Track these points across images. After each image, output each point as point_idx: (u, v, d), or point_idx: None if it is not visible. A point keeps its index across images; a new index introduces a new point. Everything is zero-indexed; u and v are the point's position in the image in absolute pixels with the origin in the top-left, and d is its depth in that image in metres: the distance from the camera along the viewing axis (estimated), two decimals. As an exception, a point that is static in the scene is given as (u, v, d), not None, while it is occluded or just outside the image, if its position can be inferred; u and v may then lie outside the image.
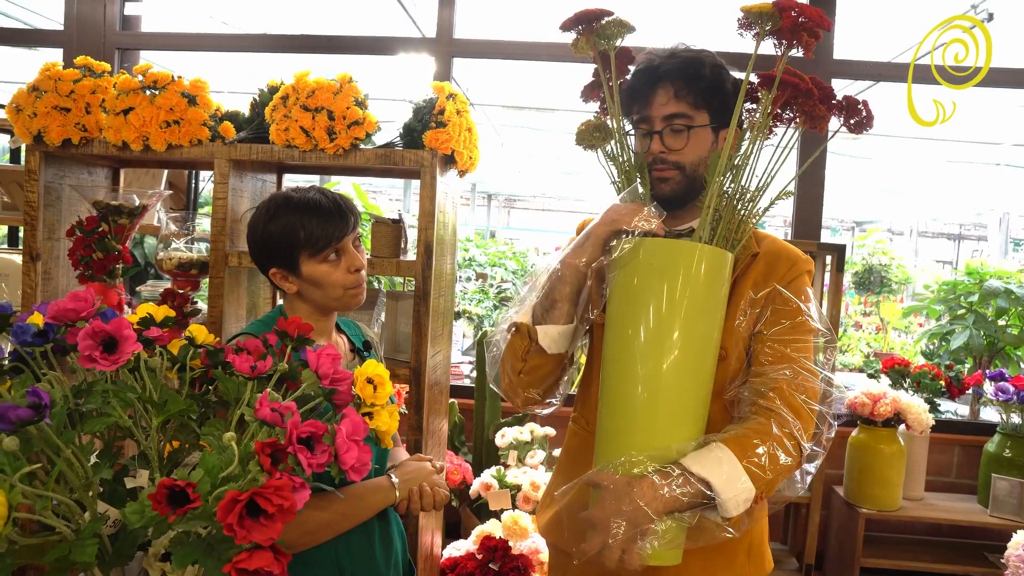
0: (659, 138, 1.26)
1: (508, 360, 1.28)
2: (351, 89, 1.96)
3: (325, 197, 1.39)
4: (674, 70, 1.25)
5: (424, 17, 3.83)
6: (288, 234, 1.37)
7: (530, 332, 1.24)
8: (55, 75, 2.06)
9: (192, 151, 2.04)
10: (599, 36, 1.24)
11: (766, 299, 1.27)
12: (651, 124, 1.27)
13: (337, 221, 1.38)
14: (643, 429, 1.17)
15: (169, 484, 0.73)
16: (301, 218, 1.36)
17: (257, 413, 0.83)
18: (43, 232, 2.15)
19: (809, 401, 1.22)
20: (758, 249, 1.32)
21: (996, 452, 2.93)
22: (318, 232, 1.36)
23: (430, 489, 1.39)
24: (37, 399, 0.75)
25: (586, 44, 1.27)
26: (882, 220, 12.46)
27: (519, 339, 1.25)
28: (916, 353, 4.78)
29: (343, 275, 1.40)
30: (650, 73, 1.27)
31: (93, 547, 0.75)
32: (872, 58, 3.25)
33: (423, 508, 1.38)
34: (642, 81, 1.28)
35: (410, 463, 1.46)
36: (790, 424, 1.18)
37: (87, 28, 3.32)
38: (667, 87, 1.26)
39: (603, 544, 1.10)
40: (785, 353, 1.24)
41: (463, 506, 2.98)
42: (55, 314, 0.91)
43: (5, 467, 0.71)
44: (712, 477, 1.11)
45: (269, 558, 0.72)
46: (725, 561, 1.33)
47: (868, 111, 1.18)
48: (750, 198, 1.22)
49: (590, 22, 1.24)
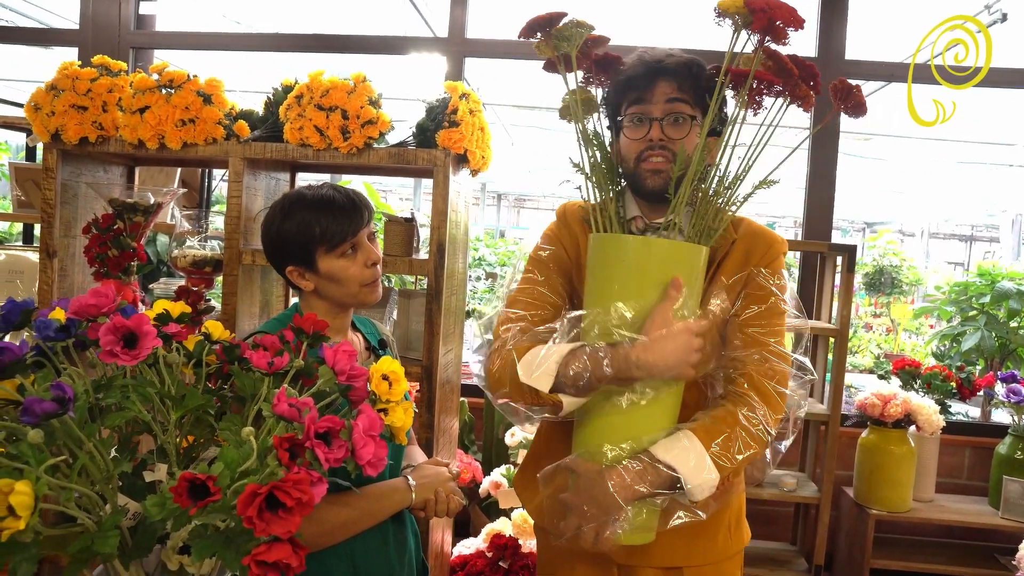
0: (659, 125, 1.28)
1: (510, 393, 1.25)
2: (365, 88, 1.97)
3: (339, 193, 1.41)
4: (676, 67, 1.28)
5: (436, 17, 3.84)
6: (304, 231, 1.37)
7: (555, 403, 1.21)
8: (73, 74, 2.08)
9: (207, 149, 2.06)
10: (558, 39, 1.26)
11: (742, 283, 1.31)
12: (650, 112, 1.29)
13: (352, 216, 1.39)
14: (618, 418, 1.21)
15: (190, 477, 0.74)
16: (316, 214, 1.37)
17: (275, 408, 0.84)
18: (60, 229, 2.18)
19: (777, 386, 1.27)
20: (736, 235, 1.35)
21: (1008, 454, 2.92)
22: (334, 227, 1.37)
23: (446, 496, 1.40)
24: (61, 393, 0.76)
25: (546, 47, 1.28)
26: (893, 221, 12.41)
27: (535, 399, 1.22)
28: (927, 354, 4.76)
29: (360, 270, 1.41)
30: (651, 66, 1.29)
31: (115, 538, 0.76)
32: (885, 58, 3.24)
33: (437, 514, 1.39)
34: (642, 72, 1.29)
35: (428, 467, 1.47)
36: (757, 410, 1.24)
37: (102, 27, 3.35)
38: (669, 81, 1.28)
39: (578, 526, 1.18)
40: (756, 337, 1.29)
41: (473, 505, 2.99)
42: (77, 310, 0.92)
43: (30, 459, 0.72)
44: (679, 465, 1.17)
45: (288, 551, 0.73)
46: (707, 539, 1.39)
47: (860, 96, 1.20)
48: (728, 186, 1.23)
49: (547, 27, 1.25)
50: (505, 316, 1.36)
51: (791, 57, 1.18)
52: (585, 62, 1.32)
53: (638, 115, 1.30)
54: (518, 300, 1.37)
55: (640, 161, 1.29)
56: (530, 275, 1.40)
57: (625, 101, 1.32)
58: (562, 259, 1.41)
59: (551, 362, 1.19)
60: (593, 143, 1.31)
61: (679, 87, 1.28)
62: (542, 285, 1.38)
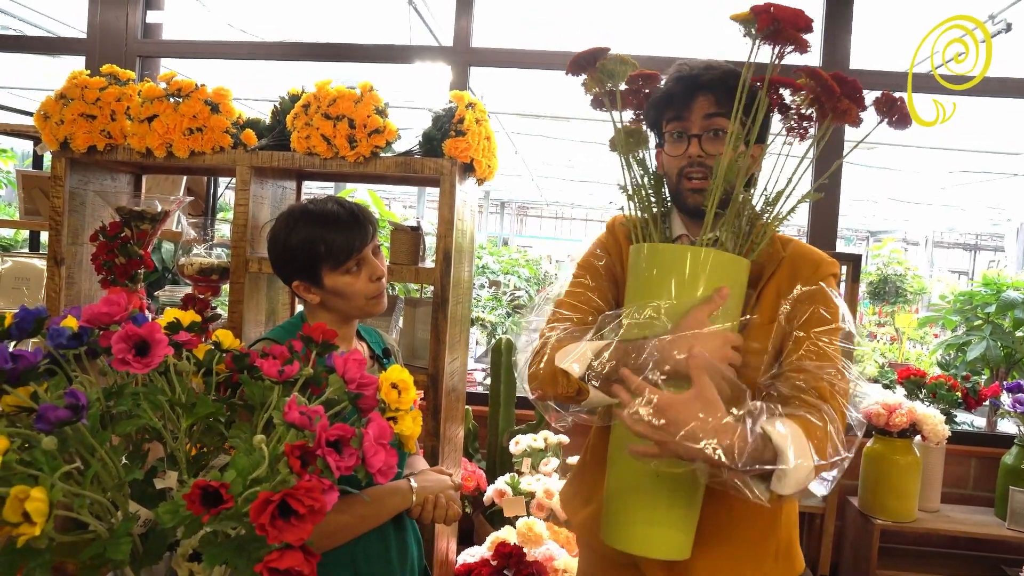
0: (698, 142, 1.27)
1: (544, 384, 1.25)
2: (372, 98, 1.98)
3: (343, 208, 1.41)
4: (715, 81, 1.26)
5: (441, 26, 3.86)
6: (309, 248, 1.38)
7: (581, 390, 1.20)
8: (82, 83, 2.10)
9: (214, 158, 2.07)
10: (602, 73, 1.26)
11: (809, 297, 1.27)
12: (688, 127, 1.28)
13: (356, 232, 1.40)
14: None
15: (203, 485, 0.74)
16: (321, 231, 1.38)
17: (286, 416, 0.85)
18: (67, 237, 2.19)
19: (842, 401, 1.22)
20: (784, 254, 1.34)
21: (1014, 464, 2.91)
22: (338, 244, 1.38)
23: (445, 502, 1.40)
24: (75, 400, 0.77)
25: (592, 83, 1.29)
26: (897, 230, 12.40)
27: (566, 384, 1.21)
28: (932, 364, 4.76)
29: (365, 284, 1.41)
30: (690, 81, 1.27)
31: (127, 545, 0.76)
32: (888, 68, 3.25)
33: (435, 519, 1.39)
34: (680, 87, 1.28)
35: (431, 473, 1.48)
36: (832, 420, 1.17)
37: (109, 36, 3.37)
38: (707, 95, 1.26)
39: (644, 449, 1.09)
40: (827, 352, 1.23)
41: (477, 513, 2.98)
42: (89, 318, 0.93)
43: (44, 466, 0.73)
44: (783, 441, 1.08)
45: (300, 558, 0.73)
46: (754, 563, 1.33)
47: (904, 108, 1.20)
48: (769, 202, 1.23)
49: (592, 62, 1.26)
50: (553, 316, 1.37)
51: (834, 75, 1.17)
52: (636, 98, 1.33)
53: (677, 131, 1.29)
54: (566, 302, 1.38)
55: (682, 178, 1.29)
56: (580, 279, 1.41)
57: (665, 117, 1.32)
58: (610, 268, 1.42)
59: (587, 352, 1.19)
60: (637, 169, 1.31)
61: (717, 101, 1.26)
62: (591, 290, 1.38)
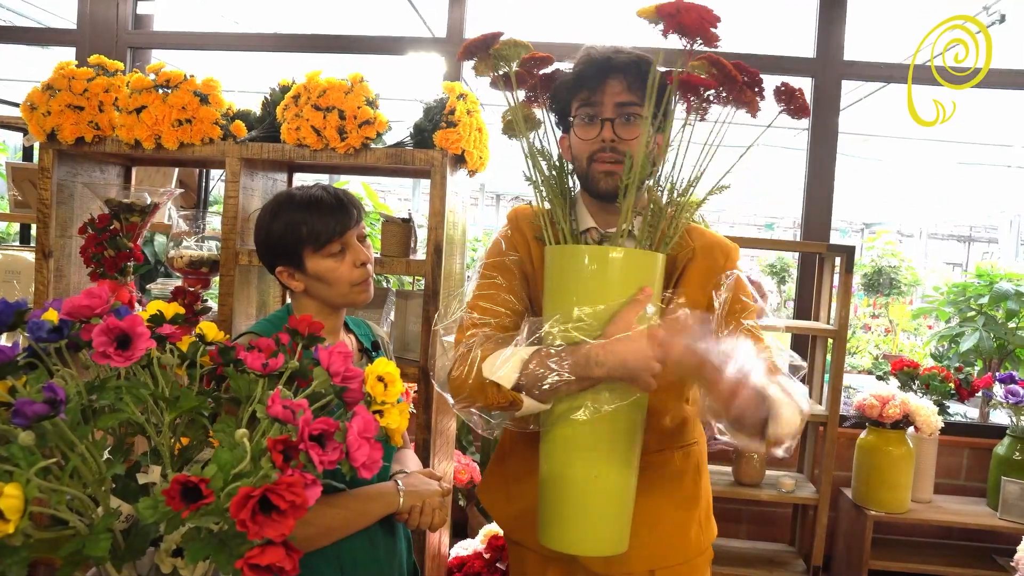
0: (611, 125, 1.26)
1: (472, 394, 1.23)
2: (362, 89, 1.97)
3: (327, 193, 1.40)
4: (627, 64, 1.26)
5: (434, 17, 3.84)
6: (291, 231, 1.37)
7: (515, 401, 1.19)
8: (69, 74, 2.08)
9: (204, 150, 2.05)
10: (496, 59, 1.26)
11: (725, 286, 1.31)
12: (600, 111, 1.27)
13: (339, 215, 1.39)
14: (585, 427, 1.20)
15: (183, 480, 0.73)
16: (304, 214, 1.37)
17: (269, 410, 0.84)
18: (56, 229, 2.17)
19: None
20: (694, 243, 1.36)
21: (1006, 455, 2.92)
22: (320, 226, 1.37)
23: (431, 510, 1.39)
24: (53, 394, 0.76)
25: (485, 68, 1.27)
26: (891, 222, 12.41)
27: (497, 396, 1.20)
28: (925, 355, 4.76)
29: (349, 270, 1.40)
30: (602, 63, 1.27)
31: (107, 541, 0.75)
32: (883, 59, 3.24)
33: (420, 525, 1.38)
34: (592, 70, 1.27)
35: (420, 476, 1.46)
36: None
37: (100, 27, 3.34)
38: (620, 78, 1.26)
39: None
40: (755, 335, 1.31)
41: (470, 506, 2.98)
42: (70, 310, 0.92)
43: (21, 462, 0.72)
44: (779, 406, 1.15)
45: (281, 554, 0.72)
46: (680, 536, 1.41)
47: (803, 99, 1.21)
48: (680, 193, 1.23)
49: (485, 48, 1.25)
50: (469, 322, 1.33)
51: (735, 64, 1.18)
52: (530, 80, 1.31)
53: (588, 114, 1.28)
54: (479, 305, 1.35)
55: (592, 161, 1.28)
56: (492, 280, 1.38)
57: (575, 100, 1.31)
58: (520, 265, 1.40)
59: (515, 359, 1.18)
60: (540, 158, 1.30)
61: (629, 86, 1.26)
62: (505, 290, 1.36)
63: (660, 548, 1.37)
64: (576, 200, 1.38)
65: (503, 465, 1.51)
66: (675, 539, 1.40)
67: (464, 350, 1.27)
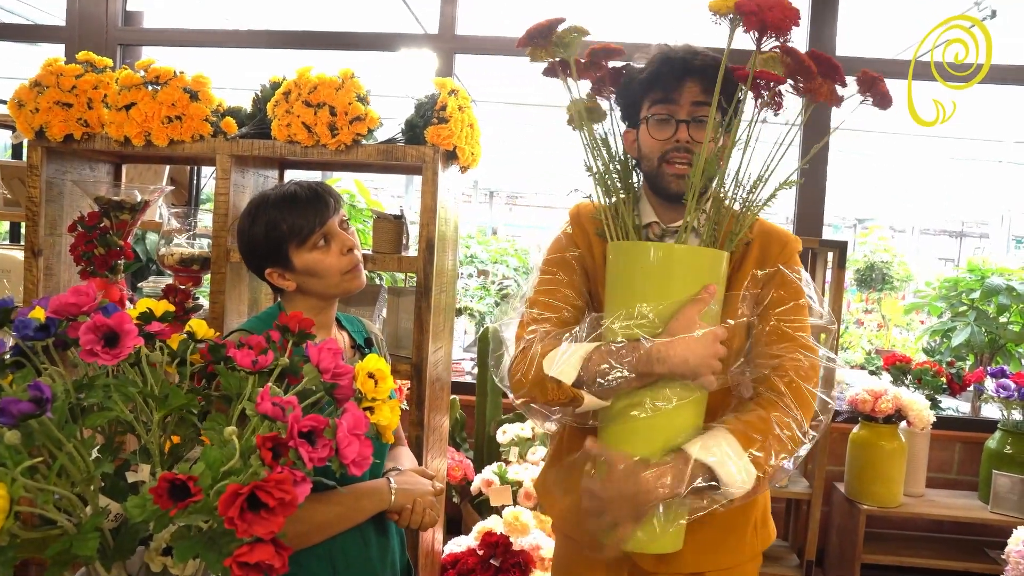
0: (686, 127, 1.25)
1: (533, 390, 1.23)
2: (353, 85, 1.96)
3: (301, 187, 1.40)
4: (704, 67, 1.25)
5: (426, 13, 3.82)
6: (272, 230, 1.37)
7: (575, 397, 1.18)
8: (57, 70, 2.06)
9: (194, 147, 2.04)
10: (557, 45, 1.24)
11: (766, 279, 1.29)
12: (676, 112, 1.26)
13: (317, 206, 1.38)
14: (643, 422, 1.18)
15: (170, 478, 0.73)
16: (282, 212, 1.37)
17: (258, 407, 0.83)
18: (45, 228, 2.16)
19: (810, 387, 1.24)
20: (751, 236, 1.33)
21: (997, 449, 2.93)
22: (300, 221, 1.36)
23: (422, 509, 1.38)
24: (39, 393, 0.75)
25: (544, 53, 1.26)
26: (884, 217, 12.43)
27: (558, 392, 1.19)
28: (917, 350, 4.78)
29: (336, 259, 1.39)
30: (679, 64, 1.26)
31: (95, 541, 0.75)
32: (874, 55, 3.24)
33: (411, 525, 1.37)
34: (668, 69, 1.26)
35: (413, 475, 1.45)
36: (790, 413, 1.21)
37: (89, 24, 3.32)
38: (696, 81, 1.25)
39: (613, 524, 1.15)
40: (786, 332, 1.26)
41: (464, 502, 2.98)
42: (56, 308, 0.91)
43: (7, 461, 0.71)
44: (718, 467, 1.13)
45: (270, 551, 0.72)
46: (735, 538, 1.37)
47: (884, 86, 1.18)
48: (748, 190, 1.22)
49: (546, 35, 1.23)
50: (529, 317, 1.33)
51: (811, 53, 1.15)
52: (597, 72, 1.30)
53: (663, 115, 1.27)
54: (540, 301, 1.34)
55: (664, 162, 1.27)
56: (552, 276, 1.37)
57: (648, 99, 1.29)
58: (581, 261, 1.39)
59: (576, 356, 1.18)
60: (602, 150, 1.29)
61: (704, 88, 1.25)
62: (565, 286, 1.35)
63: (711, 549, 1.34)
64: (640, 195, 1.37)
65: (560, 461, 1.49)
66: (729, 541, 1.36)
67: (524, 346, 1.27)
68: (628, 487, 1.12)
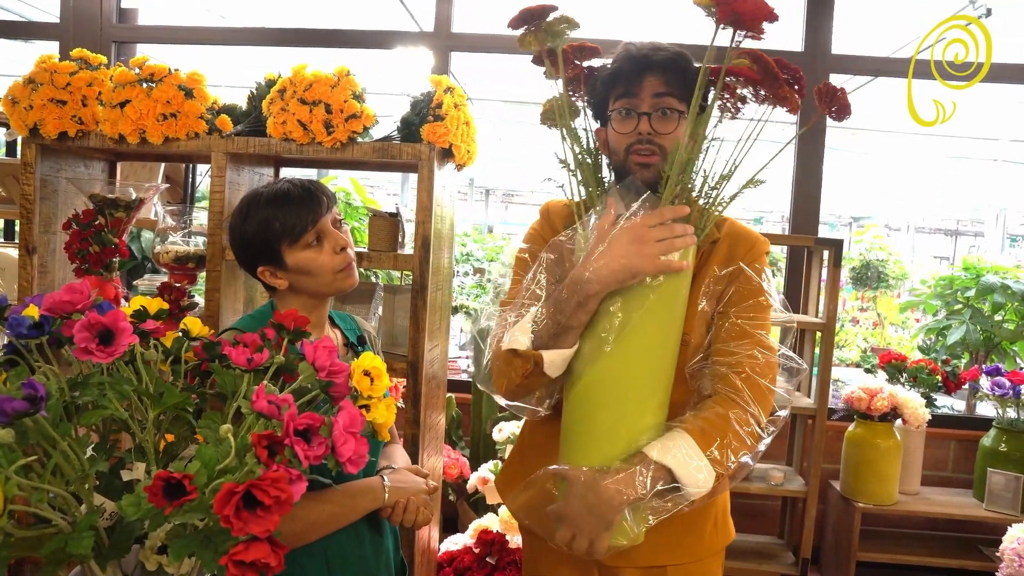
0: (647, 119, 1.28)
1: (505, 374, 1.27)
2: (348, 82, 1.95)
3: (293, 185, 1.39)
4: (664, 61, 1.28)
5: (422, 11, 3.82)
6: (264, 228, 1.36)
7: (535, 359, 1.21)
8: (51, 67, 2.05)
9: (189, 144, 2.03)
10: (546, 33, 1.27)
11: (729, 278, 1.32)
12: (637, 105, 1.29)
13: (310, 204, 1.37)
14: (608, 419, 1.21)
15: (165, 476, 0.72)
16: (274, 210, 1.36)
17: (254, 405, 0.83)
18: (39, 225, 2.15)
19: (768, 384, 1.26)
20: (719, 235, 1.36)
21: (992, 447, 2.94)
22: (293, 219, 1.36)
23: (415, 507, 1.38)
24: (33, 391, 0.75)
25: (534, 40, 1.29)
26: (879, 216, 12.46)
27: (521, 362, 1.23)
28: (913, 348, 4.79)
29: (329, 257, 1.39)
30: (640, 60, 1.29)
31: (89, 539, 0.75)
32: (871, 53, 3.24)
33: (404, 522, 1.37)
34: (630, 66, 1.30)
35: (407, 473, 1.44)
36: (748, 410, 1.23)
37: (83, 21, 3.31)
38: (657, 75, 1.28)
39: (573, 537, 1.17)
40: (745, 330, 1.28)
41: (460, 500, 2.98)
42: (51, 306, 0.90)
43: (1, 459, 0.71)
44: (677, 467, 1.16)
45: (266, 550, 0.72)
46: (694, 536, 1.40)
47: (845, 99, 1.20)
48: (713, 186, 1.25)
49: (537, 19, 1.25)
50: (503, 320, 1.35)
51: (777, 60, 1.18)
52: (573, 70, 1.33)
53: (625, 108, 1.30)
54: (510, 303, 1.36)
55: (629, 154, 1.30)
56: (518, 276, 1.39)
57: (612, 95, 1.33)
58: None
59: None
60: (578, 140, 1.32)
61: (666, 81, 1.28)
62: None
63: (670, 544, 1.36)
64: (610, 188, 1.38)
65: (521, 458, 1.52)
66: (688, 536, 1.38)
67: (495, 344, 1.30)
68: (591, 499, 1.15)
